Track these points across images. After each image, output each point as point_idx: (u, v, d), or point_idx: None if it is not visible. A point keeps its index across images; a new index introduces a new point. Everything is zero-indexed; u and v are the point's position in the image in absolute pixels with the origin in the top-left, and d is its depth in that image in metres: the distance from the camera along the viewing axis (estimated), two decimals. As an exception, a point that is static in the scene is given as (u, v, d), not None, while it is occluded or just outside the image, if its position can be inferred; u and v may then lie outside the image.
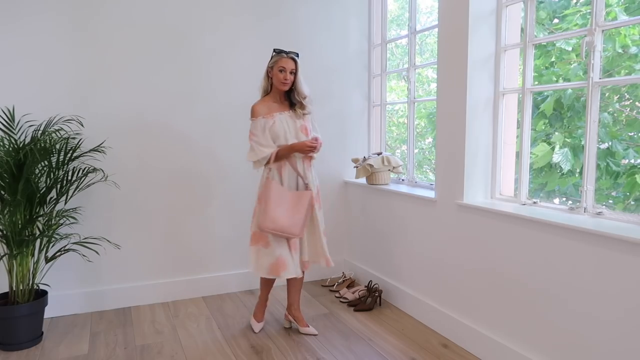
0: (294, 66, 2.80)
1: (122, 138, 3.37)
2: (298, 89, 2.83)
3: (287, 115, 2.85)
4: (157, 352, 2.79)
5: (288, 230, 2.74)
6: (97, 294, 3.40)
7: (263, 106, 2.84)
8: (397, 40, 3.97)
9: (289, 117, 2.85)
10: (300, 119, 2.87)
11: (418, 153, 4.89)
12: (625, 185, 3.56)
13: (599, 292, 2.02)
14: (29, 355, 2.77)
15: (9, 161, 2.75)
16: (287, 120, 2.84)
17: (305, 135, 2.85)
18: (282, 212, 2.74)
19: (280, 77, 2.78)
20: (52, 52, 3.17)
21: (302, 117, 2.88)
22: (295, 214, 2.76)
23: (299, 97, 2.84)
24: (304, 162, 2.88)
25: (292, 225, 2.75)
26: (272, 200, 2.74)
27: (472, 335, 2.70)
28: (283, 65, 2.78)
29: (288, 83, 2.80)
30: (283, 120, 2.83)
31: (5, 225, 2.80)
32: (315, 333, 2.98)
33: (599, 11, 2.16)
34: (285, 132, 2.81)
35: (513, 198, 2.68)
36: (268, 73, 2.85)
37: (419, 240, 3.15)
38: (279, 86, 2.81)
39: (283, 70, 2.78)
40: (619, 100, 3.64)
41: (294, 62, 2.80)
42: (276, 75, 2.79)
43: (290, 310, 3.07)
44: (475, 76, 2.70)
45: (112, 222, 3.39)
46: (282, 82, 2.78)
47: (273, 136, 2.80)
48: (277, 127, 2.80)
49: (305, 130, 2.86)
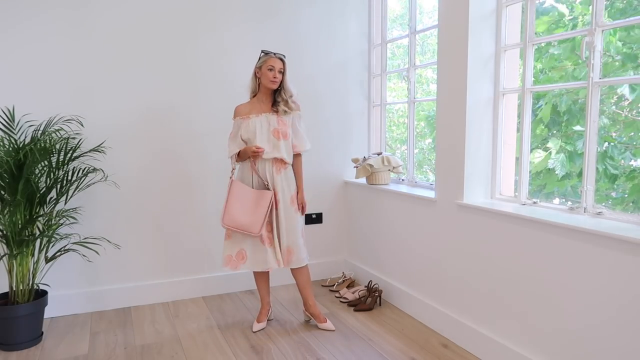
0: (282, 65, 2.89)
1: (122, 138, 3.37)
2: (285, 87, 2.91)
3: (264, 117, 2.91)
4: (157, 352, 2.79)
5: (247, 228, 2.85)
6: (97, 294, 3.40)
7: (245, 107, 2.96)
8: (397, 40, 3.97)
9: (265, 119, 2.90)
10: (277, 122, 2.90)
11: (418, 153, 4.89)
12: (631, 191, 3.56)
13: (599, 292, 2.02)
14: (29, 355, 2.77)
15: (9, 161, 2.75)
16: (262, 122, 2.90)
17: (276, 138, 2.89)
18: (240, 210, 2.87)
19: (270, 76, 2.85)
20: (52, 52, 3.17)
21: (283, 119, 2.92)
22: (255, 213, 2.86)
23: (285, 96, 2.91)
24: (273, 165, 2.93)
25: (252, 223, 2.85)
26: (232, 197, 2.89)
27: (472, 335, 2.70)
28: (272, 64, 2.86)
29: (277, 81, 2.88)
30: (258, 122, 2.90)
31: (5, 225, 2.80)
32: (332, 329, 3.04)
33: (599, 11, 2.16)
34: (255, 133, 2.88)
35: (513, 198, 2.68)
36: (256, 73, 2.93)
37: (419, 240, 3.15)
38: (267, 84, 2.88)
39: (272, 69, 2.86)
40: (618, 101, 3.65)
41: (282, 62, 2.89)
42: (265, 75, 2.87)
43: (307, 307, 3.12)
44: (475, 76, 2.70)
45: (112, 222, 3.39)
46: (272, 80, 2.86)
47: (248, 136, 2.90)
48: (250, 128, 2.89)
49: (278, 133, 2.89)
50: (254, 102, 2.95)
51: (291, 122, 2.97)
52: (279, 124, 2.90)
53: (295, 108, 2.96)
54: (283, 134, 2.91)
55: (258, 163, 2.92)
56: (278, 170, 2.93)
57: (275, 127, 2.89)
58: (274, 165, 2.93)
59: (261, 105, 2.93)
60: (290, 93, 2.93)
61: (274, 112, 2.92)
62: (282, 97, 2.90)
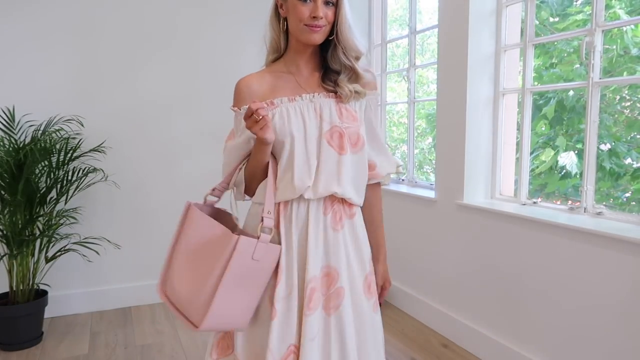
0: None
1: (122, 138, 3.37)
2: (345, 40, 1.34)
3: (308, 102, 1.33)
4: (157, 352, 2.79)
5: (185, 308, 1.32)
6: (97, 294, 3.40)
7: (259, 80, 1.37)
8: (397, 40, 3.96)
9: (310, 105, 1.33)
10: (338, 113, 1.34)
11: (418, 153, 4.89)
12: (635, 190, 3.56)
13: (599, 292, 2.01)
14: (29, 355, 2.77)
15: (9, 161, 2.75)
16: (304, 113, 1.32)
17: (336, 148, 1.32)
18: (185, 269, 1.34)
19: (304, 15, 1.27)
20: (52, 52, 3.17)
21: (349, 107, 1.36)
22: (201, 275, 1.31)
23: (346, 57, 1.34)
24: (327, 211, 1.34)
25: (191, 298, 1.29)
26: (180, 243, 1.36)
27: (472, 335, 2.70)
28: None
29: (321, 27, 1.30)
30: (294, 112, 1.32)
31: (5, 225, 2.80)
32: None
33: (599, 11, 2.16)
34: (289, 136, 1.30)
35: (513, 198, 2.68)
36: (278, 8, 1.36)
37: (419, 240, 3.15)
38: (302, 36, 1.31)
39: None
40: (621, 101, 3.65)
41: None
42: (294, 12, 1.29)
43: None
44: (475, 76, 2.70)
45: (112, 222, 3.40)
46: (310, 26, 1.28)
47: None
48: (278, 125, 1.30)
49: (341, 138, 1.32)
50: (279, 72, 1.38)
51: (364, 115, 1.41)
52: (342, 118, 1.33)
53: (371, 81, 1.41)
54: (352, 139, 1.34)
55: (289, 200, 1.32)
56: (338, 221, 1.35)
57: (337, 124, 1.32)
58: (330, 211, 1.34)
59: (297, 77, 1.37)
60: (355, 51, 1.36)
61: (327, 91, 1.35)
62: (343, 60, 1.34)
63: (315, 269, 1.30)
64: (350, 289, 1.33)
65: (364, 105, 1.39)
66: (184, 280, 1.28)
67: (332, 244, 1.32)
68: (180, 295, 1.28)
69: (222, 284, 1.19)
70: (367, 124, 1.41)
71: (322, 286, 1.31)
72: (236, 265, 1.20)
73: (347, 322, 1.30)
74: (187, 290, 1.26)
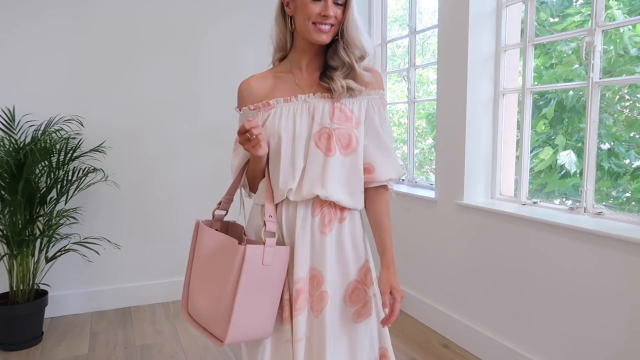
0: None
1: (122, 138, 3.37)
2: (349, 38, 1.31)
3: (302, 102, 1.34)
4: (157, 352, 2.79)
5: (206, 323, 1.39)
6: (97, 294, 3.40)
7: (260, 81, 1.38)
8: (397, 40, 3.96)
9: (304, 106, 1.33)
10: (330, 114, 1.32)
11: (418, 153, 4.89)
12: (635, 189, 3.56)
13: (599, 292, 2.02)
14: (29, 355, 2.77)
15: (9, 161, 2.75)
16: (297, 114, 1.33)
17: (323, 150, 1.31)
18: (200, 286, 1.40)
19: (313, 13, 1.27)
20: (52, 52, 3.17)
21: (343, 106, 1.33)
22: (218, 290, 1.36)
23: (349, 54, 1.32)
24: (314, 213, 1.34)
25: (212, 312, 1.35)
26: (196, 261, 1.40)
27: (472, 335, 2.70)
28: None
29: (330, 27, 1.29)
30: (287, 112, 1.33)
31: (5, 225, 2.80)
32: None
33: (599, 11, 2.16)
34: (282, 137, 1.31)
35: (513, 198, 2.68)
36: (284, 6, 1.34)
37: (419, 240, 3.15)
38: (309, 35, 1.30)
39: None
40: (620, 101, 3.65)
41: None
42: (303, 10, 1.28)
43: None
44: (475, 76, 2.70)
45: (112, 222, 3.40)
46: (318, 25, 1.28)
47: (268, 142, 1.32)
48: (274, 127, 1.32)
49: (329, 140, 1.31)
50: (281, 72, 1.39)
51: (365, 115, 1.37)
52: (333, 118, 1.32)
53: (372, 81, 1.37)
54: (343, 140, 1.32)
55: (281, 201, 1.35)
56: (327, 224, 1.33)
57: (326, 125, 1.31)
58: (319, 213, 1.34)
59: (297, 77, 1.37)
60: (361, 49, 1.33)
61: (322, 90, 1.34)
62: (342, 56, 1.32)
63: (302, 270, 1.32)
64: (332, 295, 1.34)
65: (364, 105, 1.37)
66: (202, 297, 1.32)
67: (319, 247, 1.33)
68: (201, 312, 1.31)
69: (238, 295, 1.21)
70: (369, 125, 1.38)
71: (309, 287, 1.33)
72: (248, 274, 1.22)
73: (327, 327, 1.32)
74: (206, 306, 1.30)
